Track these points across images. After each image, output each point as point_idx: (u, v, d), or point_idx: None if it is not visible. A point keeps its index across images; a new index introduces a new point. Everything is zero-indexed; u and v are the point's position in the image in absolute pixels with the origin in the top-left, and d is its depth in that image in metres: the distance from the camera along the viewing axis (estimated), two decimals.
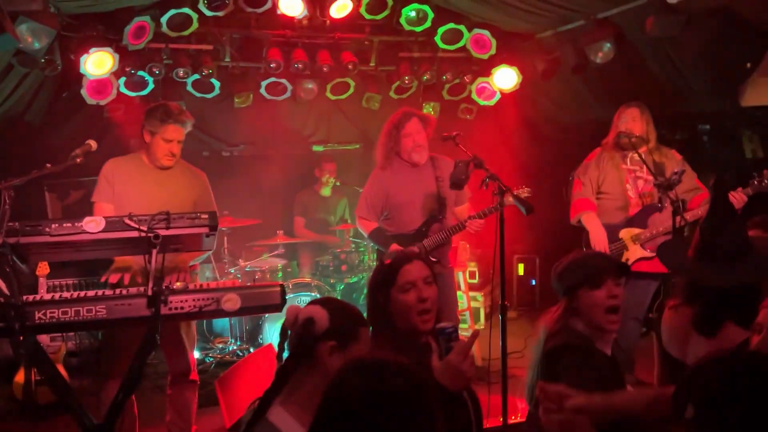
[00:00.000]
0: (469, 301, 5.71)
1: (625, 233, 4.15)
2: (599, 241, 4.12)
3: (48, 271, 4.53)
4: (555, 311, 2.45)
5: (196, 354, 5.35)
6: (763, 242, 2.19)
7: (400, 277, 2.21)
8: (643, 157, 4.09)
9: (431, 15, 5.43)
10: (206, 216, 2.84)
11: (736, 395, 1.21)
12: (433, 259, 4.03)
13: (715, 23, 4.09)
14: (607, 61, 5.02)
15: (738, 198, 3.86)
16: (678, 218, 3.60)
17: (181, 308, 2.83)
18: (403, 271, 2.22)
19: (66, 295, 2.88)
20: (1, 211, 2.57)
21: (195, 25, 4.99)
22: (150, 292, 2.73)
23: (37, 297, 2.87)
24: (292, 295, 5.03)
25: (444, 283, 4.19)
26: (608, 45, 4.95)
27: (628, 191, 4.22)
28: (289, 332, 1.88)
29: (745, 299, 1.93)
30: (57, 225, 2.68)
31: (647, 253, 4.07)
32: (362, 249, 5.81)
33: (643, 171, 4.21)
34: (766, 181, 3.92)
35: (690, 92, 5.02)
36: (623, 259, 4.13)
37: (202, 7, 4.88)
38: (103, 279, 3.35)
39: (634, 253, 4.11)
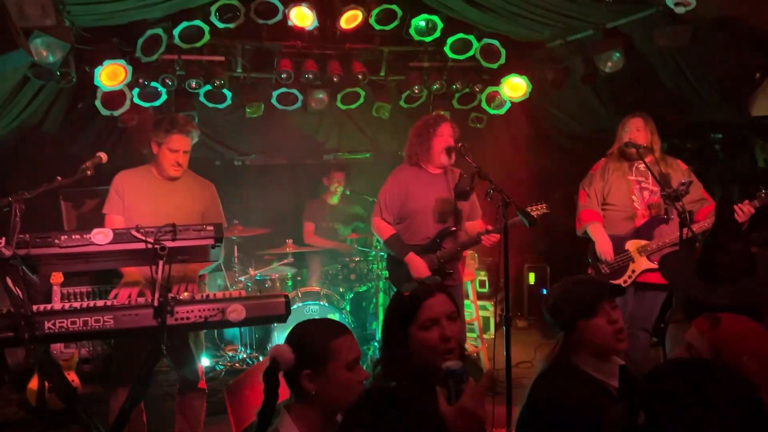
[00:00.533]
0: (478, 310, 5.71)
1: (631, 245, 4.13)
2: (605, 251, 4.11)
3: (62, 279, 4.61)
4: (554, 347, 2.27)
5: (206, 362, 5.42)
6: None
7: (421, 313, 1.97)
8: (649, 167, 4.07)
9: (441, 25, 5.46)
10: (211, 228, 2.89)
11: (684, 403, 1.24)
12: (450, 271, 4.04)
13: (723, 34, 4.07)
14: (617, 70, 5.02)
15: (745, 210, 3.84)
16: (685, 230, 3.59)
17: (187, 318, 2.89)
18: (425, 306, 1.97)
19: (75, 305, 2.95)
20: (12, 223, 2.63)
21: (207, 36, 5.06)
22: (156, 303, 2.79)
23: (48, 307, 2.94)
24: (300, 304, 5.07)
25: (456, 296, 4.21)
26: (617, 54, 4.94)
27: (634, 202, 4.20)
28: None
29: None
30: (66, 237, 2.74)
31: (653, 265, 4.05)
32: (371, 258, 5.83)
33: (648, 182, 4.19)
34: None
35: (700, 102, 5.00)
36: (629, 271, 4.11)
37: (213, 19, 4.96)
38: (111, 295, 3.38)
39: (640, 265, 4.10)
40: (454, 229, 4.03)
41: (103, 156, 3.30)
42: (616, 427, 1.49)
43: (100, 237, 2.76)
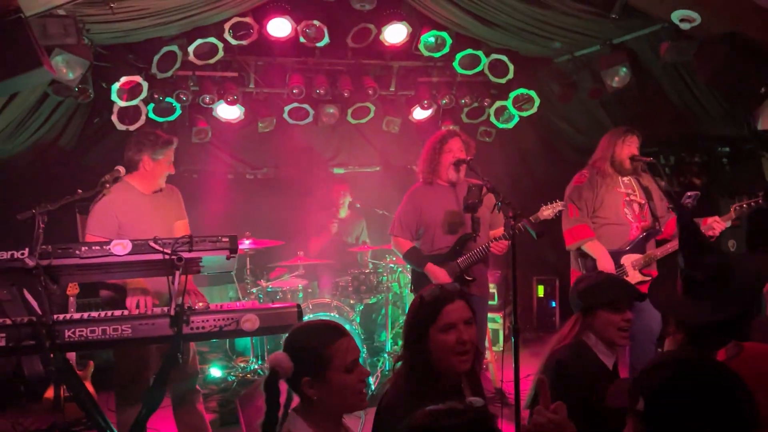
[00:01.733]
0: (487, 323, 5.74)
1: (627, 259, 4.15)
2: (609, 269, 4.11)
3: (78, 290, 4.70)
4: (570, 323, 2.68)
5: (218, 372, 5.49)
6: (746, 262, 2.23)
7: (441, 317, 2.15)
8: (632, 181, 4.22)
9: (449, 41, 5.55)
10: (227, 239, 2.98)
11: (679, 393, 1.34)
12: (469, 278, 4.09)
13: (727, 48, 4.13)
14: (624, 85, 5.08)
15: (716, 227, 3.96)
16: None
17: (202, 328, 2.96)
18: (445, 311, 2.16)
19: (93, 314, 3.03)
20: (35, 234, 2.73)
21: (221, 53, 5.18)
22: (173, 312, 2.86)
23: (67, 316, 3.03)
24: (311, 316, 5.12)
25: (479, 307, 4.24)
26: (624, 69, 5.02)
27: (626, 215, 4.21)
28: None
29: (731, 328, 2.00)
30: (86, 248, 2.83)
31: (645, 278, 4.08)
32: (381, 270, 5.89)
33: (636, 194, 4.23)
34: (746, 206, 3.97)
35: (706, 116, 5.05)
36: None
37: (227, 36, 5.08)
38: (128, 304, 3.44)
39: (633, 278, 4.11)
40: (474, 235, 4.07)
41: (122, 170, 3.41)
42: (617, 397, 1.67)
43: (119, 248, 2.85)
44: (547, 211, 4.02)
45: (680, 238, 2.12)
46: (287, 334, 2.07)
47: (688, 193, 3.84)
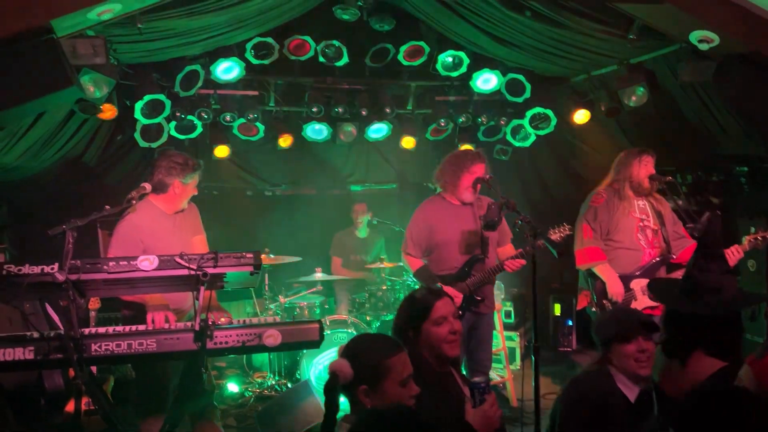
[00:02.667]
0: (504, 341, 5.73)
1: (636, 284, 4.14)
2: (618, 293, 4.10)
3: (99, 305, 4.76)
4: (595, 357, 2.73)
5: (236, 388, 5.51)
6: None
7: (434, 312, 2.48)
8: (647, 206, 4.24)
9: (467, 61, 5.62)
10: (251, 255, 3.02)
11: (711, 426, 1.34)
12: (478, 298, 4.10)
13: (746, 68, 4.15)
14: (640, 104, 5.11)
15: (734, 254, 3.96)
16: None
17: (226, 343, 3.00)
18: (437, 306, 2.50)
19: (119, 328, 3.08)
20: (65, 249, 2.79)
21: (242, 72, 5.27)
22: (197, 327, 2.90)
23: (93, 330, 3.07)
24: (329, 332, 5.15)
25: (486, 323, 4.26)
26: (641, 89, 5.04)
27: (640, 241, 4.21)
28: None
29: (716, 330, 2.09)
30: (114, 263, 2.88)
31: (653, 303, 4.06)
32: (398, 287, 5.91)
33: (649, 220, 4.22)
34: (760, 238, 3.99)
35: (724, 135, 5.05)
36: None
37: (249, 55, 5.18)
38: (148, 318, 3.47)
39: (641, 303, 4.09)
40: (482, 256, 4.09)
41: (148, 186, 3.47)
42: None
43: (146, 263, 2.90)
44: (554, 236, 4.03)
45: (699, 243, 2.26)
46: (348, 343, 2.18)
47: (708, 214, 3.84)
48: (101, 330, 3.07)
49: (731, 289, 2.16)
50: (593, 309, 4.24)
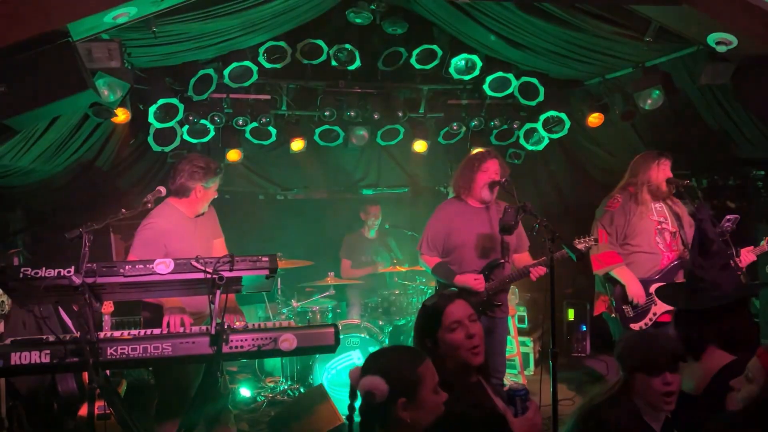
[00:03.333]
0: (519, 346, 5.69)
1: (655, 288, 4.10)
2: (639, 295, 4.05)
3: (112, 309, 4.76)
4: (615, 383, 2.44)
5: (248, 392, 5.49)
6: None
7: (445, 318, 2.29)
8: (664, 208, 4.19)
9: (480, 64, 5.60)
10: (266, 259, 3.01)
11: None
12: (497, 304, 4.06)
13: (765, 70, 4.10)
14: (656, 107, 5.06)
15: (743, 258, 3.95)
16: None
17: (241, 347, 2.98)
18: (448, 311, 2.30)
19: (134, 332, 3.07)
20: (82, 252, 2.78)
21: (255, 76, 5.27)
22: (213, 331, 2.89)
23: (108, 334, 3.07)
24: (341, 336, 5.11)
25: (501, 328, 4.22)
26: (657, 92, 4.99)
27: (658, 244, 4.16)
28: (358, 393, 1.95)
29: (725, 324, 2.17)
30: (130, 266, 2.88)
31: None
32: (411, 291, 5.88)
33: (667, 222, 4.18)
34: None
35: (742, 139, 4.99)
36: (650, 314, 4.08)
37: (261, 59, 5.18)
38: (164, 322, 3.46)
39: (661, 307, 4.05)
40: (502, 261, 4.05)
41: (163, 190, 3.46)
42: None
43: (162, 267, 2.89)
44: (580, 245, 3.98)
45: (693, 242, 2.34)
46: (371, 360, 2.05)
47: (728, 217, 3.79)
48: (116, 334, 3.07)
49: (730, 282, 2.23)
50: (612, 315, 4.19)
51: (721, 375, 2.30)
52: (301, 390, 5.30)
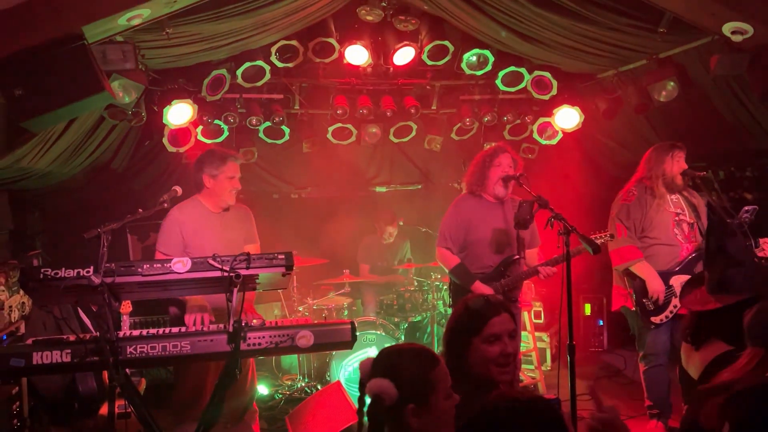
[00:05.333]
0: (535, 341, 5.66)
1: (676, 280, 4.06)
2: (658, 291, 4.02)
3: (131, 309, 4.80)
4: (748, 361, 2.06)
5: (265, 390, 5.52)
6: None
7: (486, 328, 2.17)
8: (681, 199, 4.17)
9: (492, 59, 5.56)
10: (283, 257, 3.02)
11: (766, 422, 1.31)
12: (513, 300, 4.06)
13: None
14: (671, 99, 5.01)
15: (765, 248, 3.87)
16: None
17: (259, 344, 3.00)
18: (491, 323, 2.17)
19: (152, 331, 3.10)
20: (100, 252, 2.81)
21: (267, 75, 5.29)
22: (231, 329, 2.91)
23: (127, 333, 3.10)
24: (357, 333, 5.13)
25: (516, 323, 4.21)
26: (672, 84, 4.94)
27: (677, 236, 4.13)
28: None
29: (730, 319, 2.15)
30: (148, 265, 2.90)
31: None
32: (426, 288, 5.88)
33: (685, 214, 4.14)
34: None
35: (758, 129, 4.93)
36: (671, 306, 4.05)
37: (274, 59, 5.20)
38: (187, 321, 3.49)
39: None
40: (518, 257, 4.05)
41: (179, 189, 3.50)
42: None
43: (180, 266, 2.92)
44: (599, 240, 3.96)
45: (705, 240, 2.37)
46: (380, 360, 1.96)
47: (746, 208, 3.75)
48: (136, 333, 3.10)
49: (738, 279, 2.26)
50: (632, 308, 4.17)
51: (713, 365, 2.28)
52: (319, 387, 5.32)
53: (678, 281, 4.06)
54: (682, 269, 4.08)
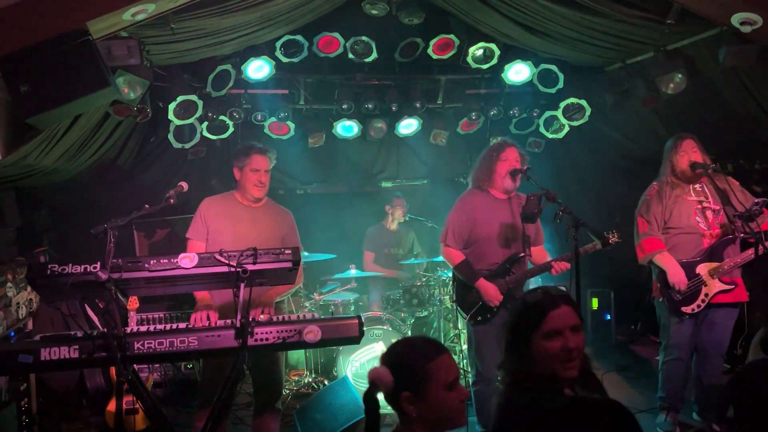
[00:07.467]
0: None
1: (702, 268, 4.02)
2: (680, 281, 4.00)
3: (138, 305, 4.82)
4: None
5: None
6: None
7: (545, 323, 2.03)
8: (705, 187, 4.10)
9: (498, 52, 5.54)
10: (289, 251, 3.00)
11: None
12: (518, 297, 4.02)
13: None
14: (679, 91, 4.97)
15: None
16: (761, 248, 3.53)
17: (266, 339, 2.99)
18: (550, 317, 2.03)
19: (160, 327, 3.09)
20: (107, 248, 2.80)
21: (272, 71, 5.27)
22: (238, 324, 2.90)
23: (135, 329, 3.10)
24: (364, 329, 5.12)
25: None
26: (680, 76, 4.90)
27: (699, 224, 4.10)
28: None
29: None
30: (155, 261, 2.89)
31: (726, 286, 3.97)
32: (432, 283, 5.86)
33: (709, 201, 4.10)
34: None
35: None
36: (702, 295, 4.01)
37: (278, 54, 5.18)
38: (192, 320, 3.48)
39: (713, 287, 4.00)
40: (523, 255, 4.02)
41: (185, 185, 3.47)
42: None
43: (186, 261, 2.91)
44: (612, 240, 3.93)
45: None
46: (389, 348, 2.06)
47: (756, 200, 3.71)
48: (143, 328, 3.10)
49: None
50: (660, 299, 4.17)
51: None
52: (326, 383, 5.32)
53: (704, 269, 4.03)
54: (708, 257, 4.05)
